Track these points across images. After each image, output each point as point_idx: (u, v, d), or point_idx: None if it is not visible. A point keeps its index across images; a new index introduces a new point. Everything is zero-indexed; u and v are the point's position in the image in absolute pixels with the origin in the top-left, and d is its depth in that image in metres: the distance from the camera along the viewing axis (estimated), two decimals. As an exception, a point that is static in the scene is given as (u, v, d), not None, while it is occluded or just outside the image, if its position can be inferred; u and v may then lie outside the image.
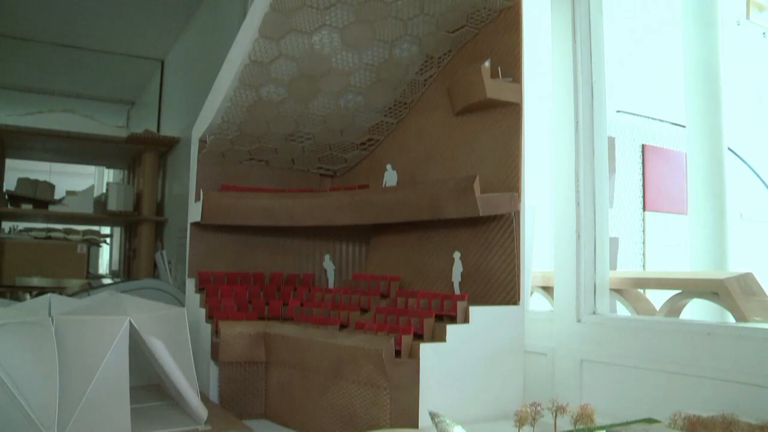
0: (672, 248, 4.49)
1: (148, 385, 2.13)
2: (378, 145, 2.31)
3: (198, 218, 2.18)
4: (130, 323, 1.69)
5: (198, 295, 2.17)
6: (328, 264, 2.28)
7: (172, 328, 1.84)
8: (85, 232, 4.98)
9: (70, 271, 4.74)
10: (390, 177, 2.15)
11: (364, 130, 2.25)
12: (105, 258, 6.77)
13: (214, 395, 2.01)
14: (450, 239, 1.97)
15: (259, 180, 2.37)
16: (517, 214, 1.81)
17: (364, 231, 2.34)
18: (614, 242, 4.42)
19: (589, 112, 2.02)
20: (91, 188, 5.08)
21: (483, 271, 1.86)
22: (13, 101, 6.35)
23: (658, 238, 4.68)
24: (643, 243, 4.64)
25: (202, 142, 2.29)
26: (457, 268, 1.87)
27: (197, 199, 2.23)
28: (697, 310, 2.24)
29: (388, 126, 2.24)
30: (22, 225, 5.30)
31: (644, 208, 4.76)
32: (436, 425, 1.10)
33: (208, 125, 2.19)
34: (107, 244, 6.14)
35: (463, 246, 1.91)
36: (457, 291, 1.87)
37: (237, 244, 2.32)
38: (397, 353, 1.63)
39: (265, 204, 2.12)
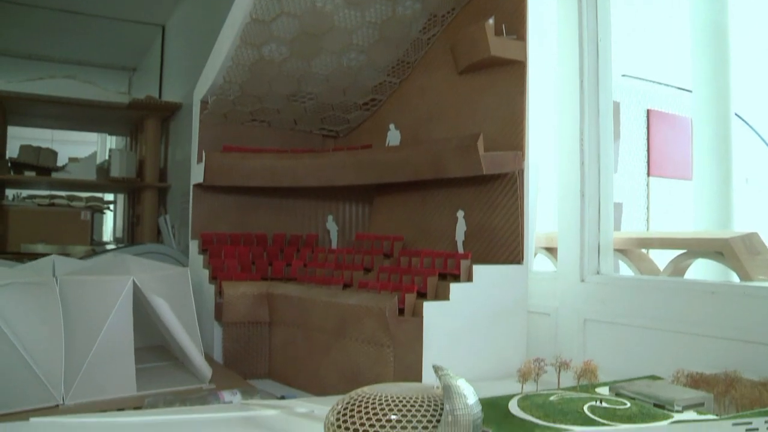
0: (676, 214, 4.47)
1: (153, 346, 2.14)
2: (381, 105, 2.29)
3: (200, 179, 2.17)
4: (134, 283, 1.69)
5: (201, 257, 2.17)
6: (331, 225, 2.28)
7: (175, 288, 1.85)
8: (88, 199, 4.96)
9: (74, 237, 4.73)
10: (393, 137, 2.14)
11: (367, 90, 2.23)
12: (109, 225, 6.77)
13: (218, 356, 2.02)
14: (453, 198, 1.96)
15: (262, 141, 2.35)
16: (521, 172, 1.80)
17: (367, 191, 2.33)
18: (618, 207, 4.40)
19: (595, 73, 2.00)
20: (94, 155, 5.06)
21: (486, 230, 1.85)
22: (14, 68, 6.30)
23: (662, 204, 4.66)
24: (647, 209, 4.61)
25: (204, 103, 2.27)
26: (461, 227, 1.87)
27: (199, 160, 2.22)
28: (701, 271, 2.23)
29: (391, 85, 2.22)
30: (25, 192, 5.30)
31: (648, 174, 4.73)
32: (440, 378, 1.10)
33: (209, 85, 2.17)
34: (111, 210, 6.13)
35: (466, 205, 1.90)
36: (460, 250, 1.87)
37: (240, 206, 2.31)
38: (401, 312, 1.63)
39: (268, 164, 2.11)
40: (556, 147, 2.05)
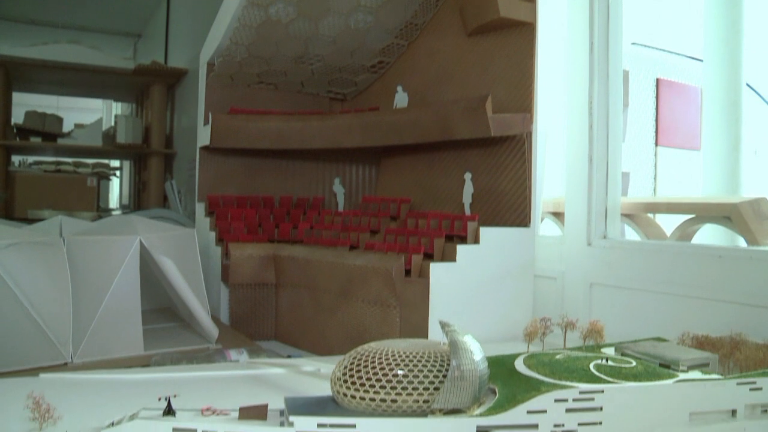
0: (684, 184, 4.44)
1: (160, 308, 2.16)
2: (388, 68, 2.28)
3: (207, 142, 2.16)
4: (141, 242, 1.69)
5: (208, 219, 2.17)
6: (338, 187, 2.27)
7: (182, 248, 1.85)
8: (94, 165, 4.96)
9: (80, 204, 4.74)
10: (401, 99, 2.12)
11: (375, 52, 2.21)
12: (115, 191, 6.78)
13: (224, 317, 2.03)
14: (461, 161, 1.95)
15: (268, 104, 2.34)
16: (529, 135, 1.79)
17: (374, 154, 2.32)
18: (625, 177, 4.37)
19: (605, 39, 1.97)
20: (100, 121, 5.05)
21: (494, 193, 1.84)
22: (18, 33, 6.27)
23: (669, 174, 4.63)
24: (654, 179, 4.59)
25: (210, 65, 2.26)
26: (468, 189, 1.86)
27: (206, 122, 2.21)
28: (708, 237, 2.22)
29: (398, 48, 2.20)
30: (31, 159, 5.29)
31: (656, 144, 4.70)
32: (447, 334, 1.10)
33: (216, 47, 2.16)
34: (117, 177, 6.13)
35: (474, 167, 1.89)
36: (467, 212, 1.86)
37: (246, 169, 2.31)
38: (407, 272, 1.63)
39: (275, 126, 2.10)
40: (564, 111, 2.04)
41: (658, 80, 4.66)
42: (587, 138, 1.94)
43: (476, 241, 1.69)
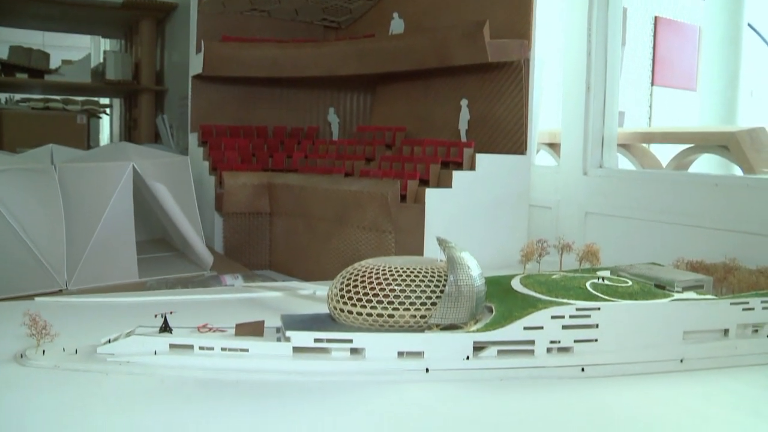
0: (679, 124, 4.42)
1: (155, 239, 2.15)
2: (384, -5, 2.23)
3: (199, 70, 2.13)
4: (134, 168, 1.67)
5: (201, 149, 2.15)
6: (333, 117, 2.24)
7: (175, 175, 1.83)
8: (83, 103, 4.89)
9: (70, 142, 4.65)
10: (397, 25, 2.08)
11: (370, -22, 2.16)
12: (105, 130, 6.69)
13: (219, 247, 2.02)
14: (457, 88, 1.92)
15: (261, 32, 2.29)
16: (527, 62, 1.76)
17: (369, 83, 2.28)
18: (620, 117, 4.36)
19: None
20: (88, 57, 4.95)
21: (490, 120, 1.82)
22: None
23: (664, 114, 4.60)
24: (649, 119, 4.57)
25: (202, -9, 2.20)
26: (464, 116, 1.84)
27: (198, 50, 2.16)
28: (704, 169, 2.22)
29: (394, -27, 2.15)
30: (18, 96, 5.21)
31: (652, 83, 4.65)
32: (444, 250, 1.10)
33: (207, -28, 2.10)
34: (107, 114, 6.05)
35: (470, 94, 1.87)
36: (463, 139, 1.85)
37: (239, 98, 2.27)
38: (403, 198, 1.62)
39: (269, 54, 2.06)
40: (562, 39, 2.00)
41: (656, 18, 4.59)
42: (585, 65, 1.92)
43: (472, 167, 1.68)
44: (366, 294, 1.06)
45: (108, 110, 5.97)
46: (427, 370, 1.07)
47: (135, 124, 4.84)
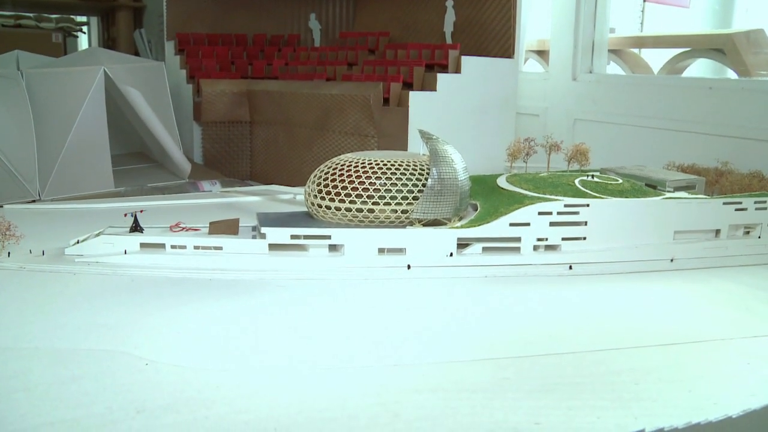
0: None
1: (132, 153, 2.09)
2: None
3: (173, -27, 2.02)
4: (105, 72, 1.60)
5: (178, 58, 2.06)
6: (314, 23, 2.15)
7: (150, 81, 1.76)
8: (58, 20, 4.71)
9: (46, 61, 4.55)
10: (379, -77, 1.98)
11: None
12: (83, 48, 6.51)
13: (198, 158, 1.96)
14: (443, -11, 1.83)
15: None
16: (517, -41, 1.68)
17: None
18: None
19: None
20: (62, -28, 4.75)
21: (477, 23, 1.74)
22: None
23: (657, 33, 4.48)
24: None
25: None
26: (450, 17, 1.76)
27: (171, -49, 2.05)
28: (698, 74, 2.15)
29: None
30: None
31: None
32: (427, 143, 1.05)
33: None
34: (84, 33, 5.85)
35: (456, -5, 1.79)
36: (448, 41, 1.77)
37: (217, 5, 2.18)
38: (386, 101, 1.56)
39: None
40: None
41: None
42: (577, -37, 1.83)
43: (458, 70, 1.61)
44: (345, 188, 1.02)
45: (85, 29, 5.78)
46: (409, 267, 1.03)
47: (113, 44, 4.68)
